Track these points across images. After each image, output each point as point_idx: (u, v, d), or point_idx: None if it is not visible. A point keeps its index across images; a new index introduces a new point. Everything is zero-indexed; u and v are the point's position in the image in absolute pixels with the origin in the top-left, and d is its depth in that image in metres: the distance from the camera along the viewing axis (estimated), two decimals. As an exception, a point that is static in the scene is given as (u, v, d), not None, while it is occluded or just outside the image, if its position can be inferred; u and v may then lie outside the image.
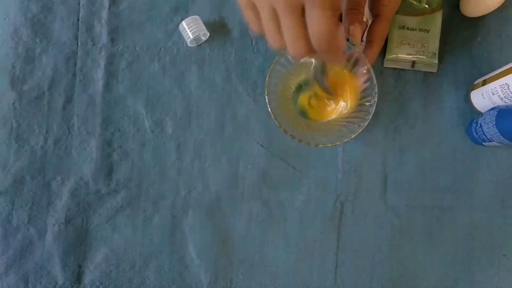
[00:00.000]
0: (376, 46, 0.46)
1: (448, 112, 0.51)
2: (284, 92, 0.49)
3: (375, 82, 0.45)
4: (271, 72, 0.46)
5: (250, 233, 0.50)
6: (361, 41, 0.46)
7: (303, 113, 0.49)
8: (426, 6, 0.50)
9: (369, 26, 0.47)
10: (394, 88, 0.52)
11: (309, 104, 0.49)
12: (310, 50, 0.33)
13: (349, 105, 0.49)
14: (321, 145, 0.45)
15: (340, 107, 0.49)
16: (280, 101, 0.49)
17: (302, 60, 0.47)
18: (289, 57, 0.47)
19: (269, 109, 0.45)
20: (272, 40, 0.34)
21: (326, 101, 0.49)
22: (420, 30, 0.50)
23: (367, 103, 0.47)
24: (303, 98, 0.49)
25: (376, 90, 0.45)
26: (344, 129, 0.47)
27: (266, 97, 0.45)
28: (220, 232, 0.50)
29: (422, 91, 0.51)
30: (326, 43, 0.32)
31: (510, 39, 0.52)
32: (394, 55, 0.50)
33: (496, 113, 0.45)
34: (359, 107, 0.48)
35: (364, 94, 0.47)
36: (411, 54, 0.50)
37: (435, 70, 0.51)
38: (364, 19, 0.47)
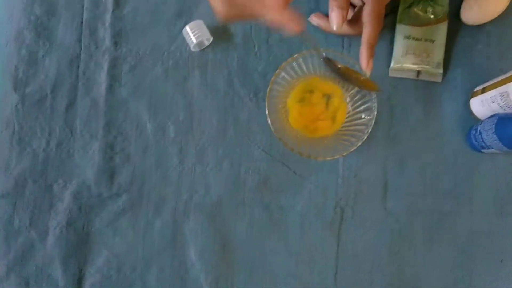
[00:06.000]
0: (369, 28, 0.44)
1: (448, 119, 0.52)
2: (284, 108, 0.49)
3: (374, 96, 0.46)
4: (269, 92, 0.46)
5: (251, 237, 0.50)
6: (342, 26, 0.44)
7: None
8: (432, 16, 0.51)
9: (363, 8, 0.45)
10: (394, 95, 0.52)
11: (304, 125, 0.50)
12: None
13: (340, 122, 0.50)
14: (320, 159, 0.46)
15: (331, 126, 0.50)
16: (282, 118, 0.49)
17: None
18: (285, 75, 0.47)
19: (272, 129, 0.45)
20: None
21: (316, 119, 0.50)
22: (426, 40, 0.50)
23: (367, 117, 0.47)
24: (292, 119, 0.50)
25: (376, 105, 0.46)
26: (344, 142, 0.47)
27: (268, 118, 0.45)
28: (221, 236, 0.50)
29: (423, 98, 0.52)
30: None
31: (510, 47, 0.52)
32: (399, 65, 0.50)
33: (495, 120, 0.45)
34: (358, 121, 0.48)
35: (363, 108, 0.47)
36: (416, 64, 0.50)
37: (439, 80, 0.51)
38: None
